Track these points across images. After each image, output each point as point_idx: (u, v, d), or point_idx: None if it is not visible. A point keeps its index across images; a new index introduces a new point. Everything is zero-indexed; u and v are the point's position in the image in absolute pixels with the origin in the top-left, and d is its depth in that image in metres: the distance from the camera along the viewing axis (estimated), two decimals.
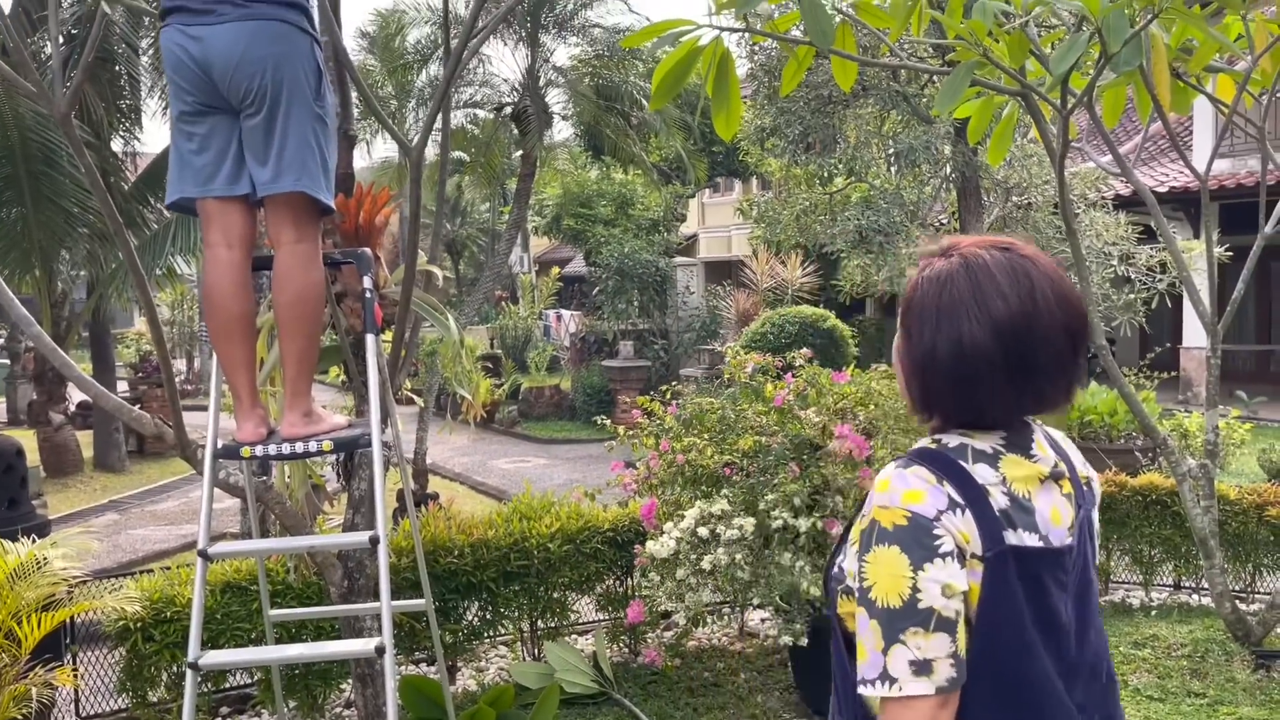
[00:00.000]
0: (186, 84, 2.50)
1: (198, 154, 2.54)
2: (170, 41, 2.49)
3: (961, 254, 1.34)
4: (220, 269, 2.59)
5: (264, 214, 2.64)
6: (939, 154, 10.46)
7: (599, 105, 11.52)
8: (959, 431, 1.35)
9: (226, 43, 2.43)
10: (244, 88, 2.47)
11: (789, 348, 12.30)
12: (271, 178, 2.53)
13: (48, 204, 10.71)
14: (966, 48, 3.35)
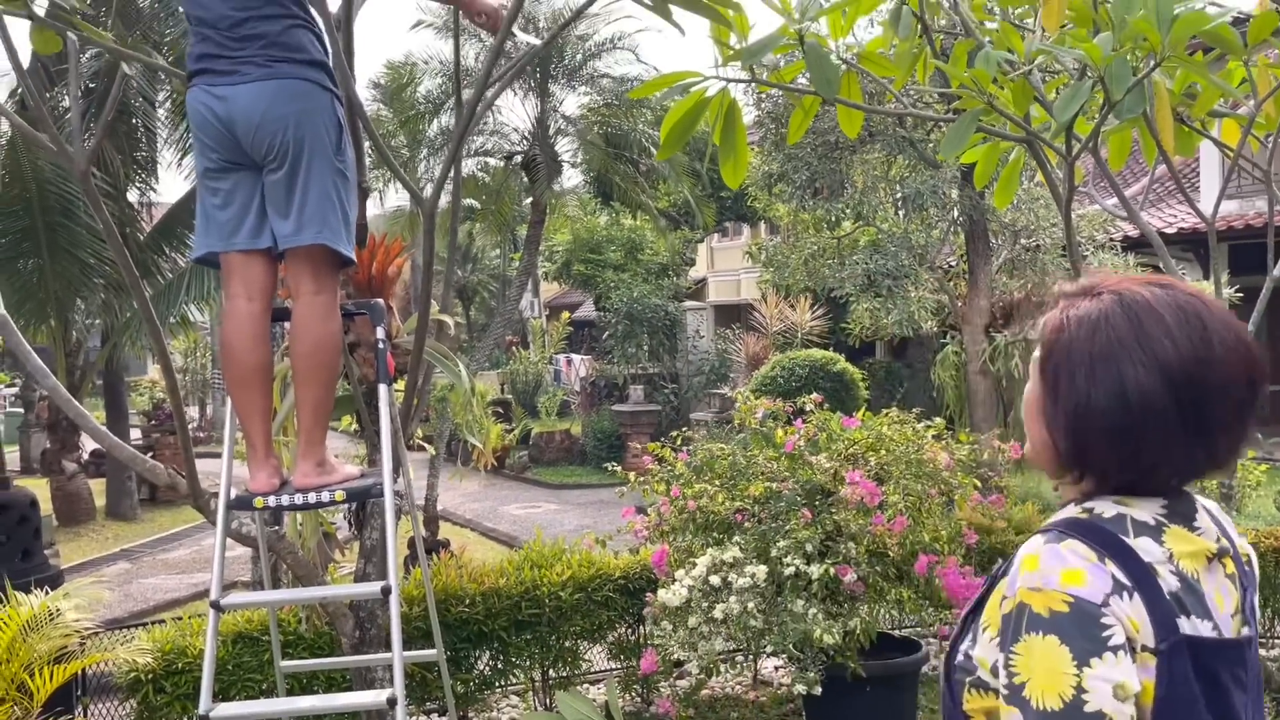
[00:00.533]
0: (211, 142, 2.56)
1: (221, 209, 2.60)
2: (196, 101, 2.56)
3: (1114, 291, 1.19)
4: (240, 320, 2.62)
5: (284, 266, 2.68)
6: (946, 198, 10.53)
7: (608, 153, 11.65)
8: (1113, 498, 1.17)
9: (250, 101, 2.49)
10: (266, 144, 2.53)
11: (799, 391, 12.33)
12: (292, 231, 2.58)
13: (64, 255, 10.84)
14: (971, 96, 3.39)
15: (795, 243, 12.20)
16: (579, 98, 12.16)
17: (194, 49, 2.60)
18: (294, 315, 2.65)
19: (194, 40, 2.61)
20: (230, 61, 2.53)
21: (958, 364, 11.73)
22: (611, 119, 11.83)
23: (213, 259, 2.67)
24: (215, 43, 2.54)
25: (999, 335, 11.24)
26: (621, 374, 17.51)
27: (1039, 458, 1.25)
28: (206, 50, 2.56)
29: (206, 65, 2.55)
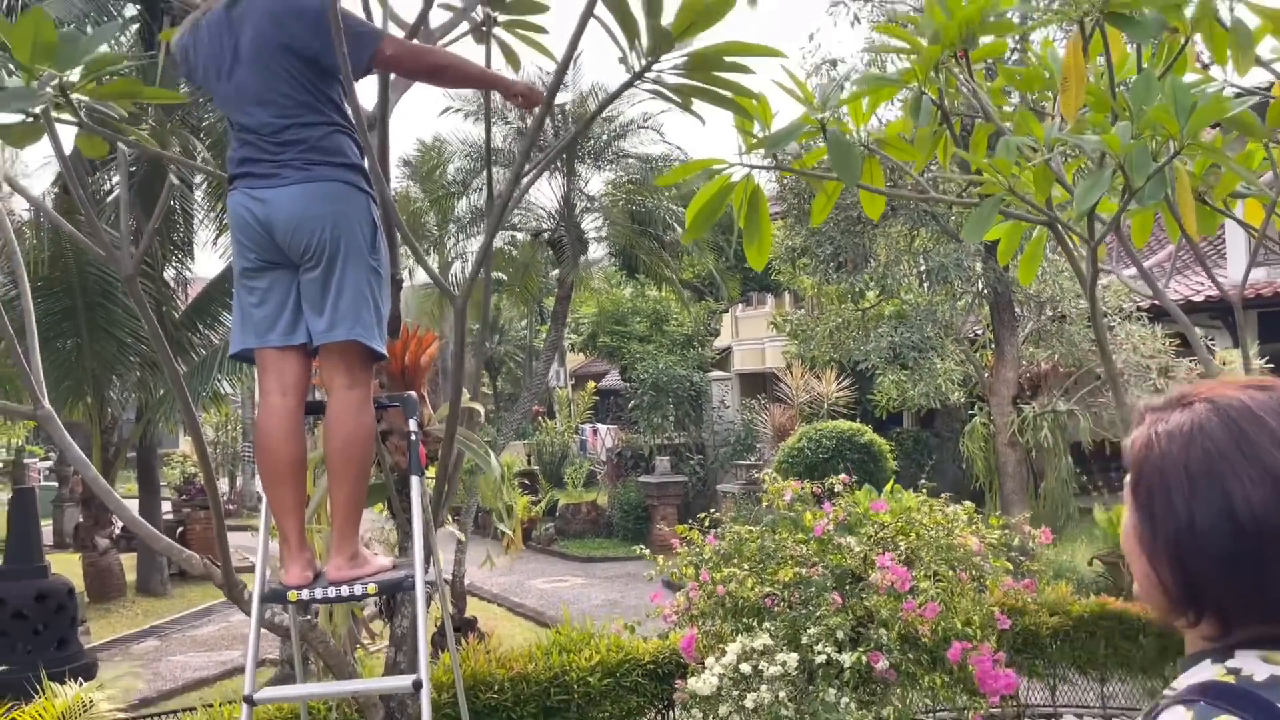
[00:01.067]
0: (250, 243, 2.65)
1: (258, 307, 2.68)
2: (237, 205, 2.66)
3: (1207, 399, 1.05)
4: (274, 416, 2.68)
5: (318, 361, 2.75)
6: (970, 270, 10.57)
7: (632, 229, 11.81)
8: (1257, 652, 0.98)
9: (289, 203, 2.59)
10: (304, 244, 2.62)
11: (827, 463, 12.28)
12: (327, 327, 2.64)
13: (102, 334, 11.06)
14: (993, 181, 3.44)
15: (820, 315, 12.25)
16: (604, 175, 12.39)
17: (235, 153, 2.70)
18: (328, 410, 2.70)
19: (235, 145, 2.71)
20: (271, 165, 2.62)
21: (986, 436, 11.65)
22: (636, 196, 12.02)
23: (249, 355, 2.75)
24: (257, 147, 2.64)
25: (1027, 406, 11.17)
26: (648, 445, 17.50)
27: (1148, 597, 1.09)
28: (248, 155, 2.66)
29: (247, 169, 2.65)
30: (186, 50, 2.74)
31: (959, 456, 13.12)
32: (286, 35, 2.59)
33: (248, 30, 2.62)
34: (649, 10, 2.82)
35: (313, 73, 2.62)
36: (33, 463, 22.99)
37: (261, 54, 2.61)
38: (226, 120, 2.77)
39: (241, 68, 2.63)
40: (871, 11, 10.74)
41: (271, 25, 2.60)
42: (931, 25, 3.27)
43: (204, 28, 2.70)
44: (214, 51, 2.66)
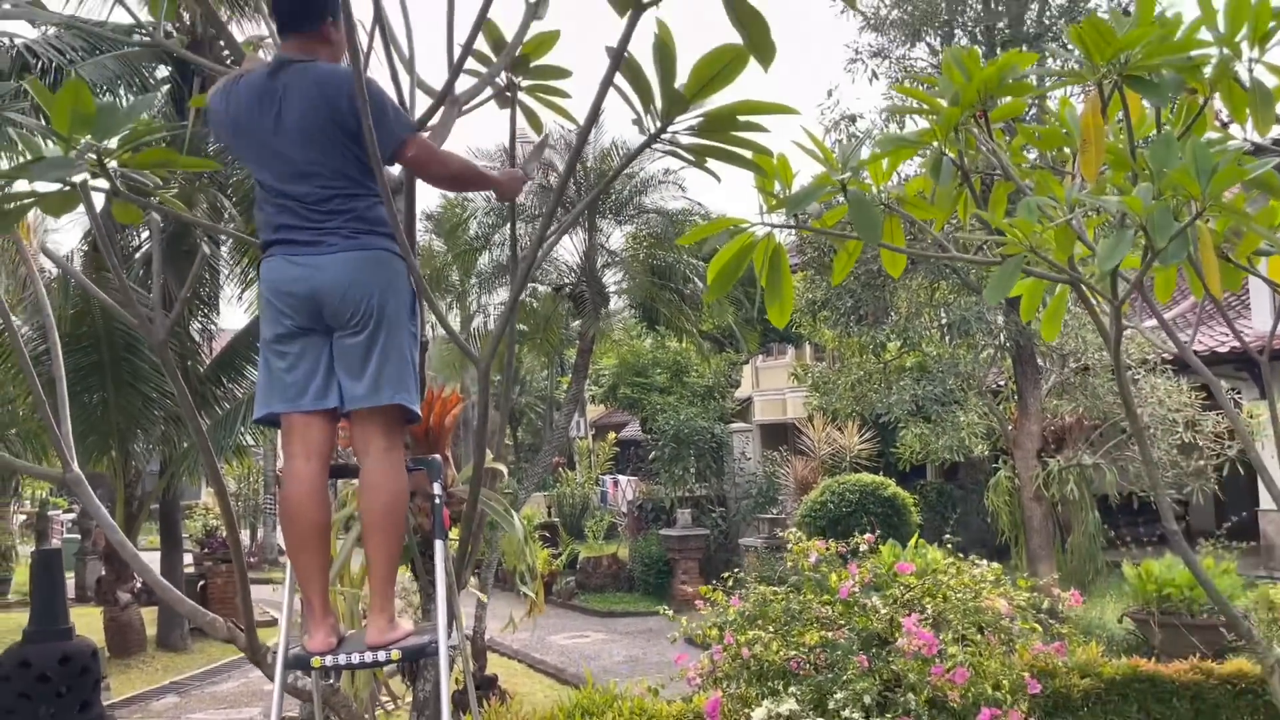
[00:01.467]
0: (289, 309, 2.66)
1: (288, 371, 2.68)
2: (275, 271, 2.67)
3: None
4: (300, 481, 2.68)
5: (347, 425, 2.76)
6: (992, 323, 10.55)
7: (653, 283, 11.88)
8: None
9: (337, 271, 2.61)
10: (350, 311, 2.64)
11: (850, 516, 12.19)
12: (368, 392, 2.66)
13: (128, 388, 11.17)
14: (1015, 242, 3.45)
15: (841, 367, 12.23)
16: (625, 230, 12.50)
17: (271, 218, 2.71)
18: (365, 472, 2.70)
19: (270, 210, 2.71)
20: (315, 232, 2.65)
21: (1011, 489, 11.53)
22: (657, 250, 12.11)
23: (273, 419, 2.75)
24: (299, 215, 2.66)
25: (1052, 460, 11.06)
26: (669, 497, 17.41)
27: None
28: (287, 221, 2.67)
29: (287, 235, 2.67)
30: (222, 109, 2.75)
31: (983, 510, 12.99)
32: (336, 110, 2.63)
33: (294, 101, 2.64)
34: (662, 74, 2.86)
35: (359, 147, 2.63)
36: (56, 515, 23.10)
37: (309, 127, 2.63)
38: (257, 183, 2.79)
39: (285, 138, 2.64)
40: (889, 68, 10.87)
41: (321, 99, 2.63)
42: (951, 87, 3.30)
43: (243, 90, 2.71)
44: (254, 116, 2.67)
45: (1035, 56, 3.53)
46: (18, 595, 19.18)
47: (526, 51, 3.47)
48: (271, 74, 2.68)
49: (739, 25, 2.46)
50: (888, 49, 11.03)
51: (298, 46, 2.76)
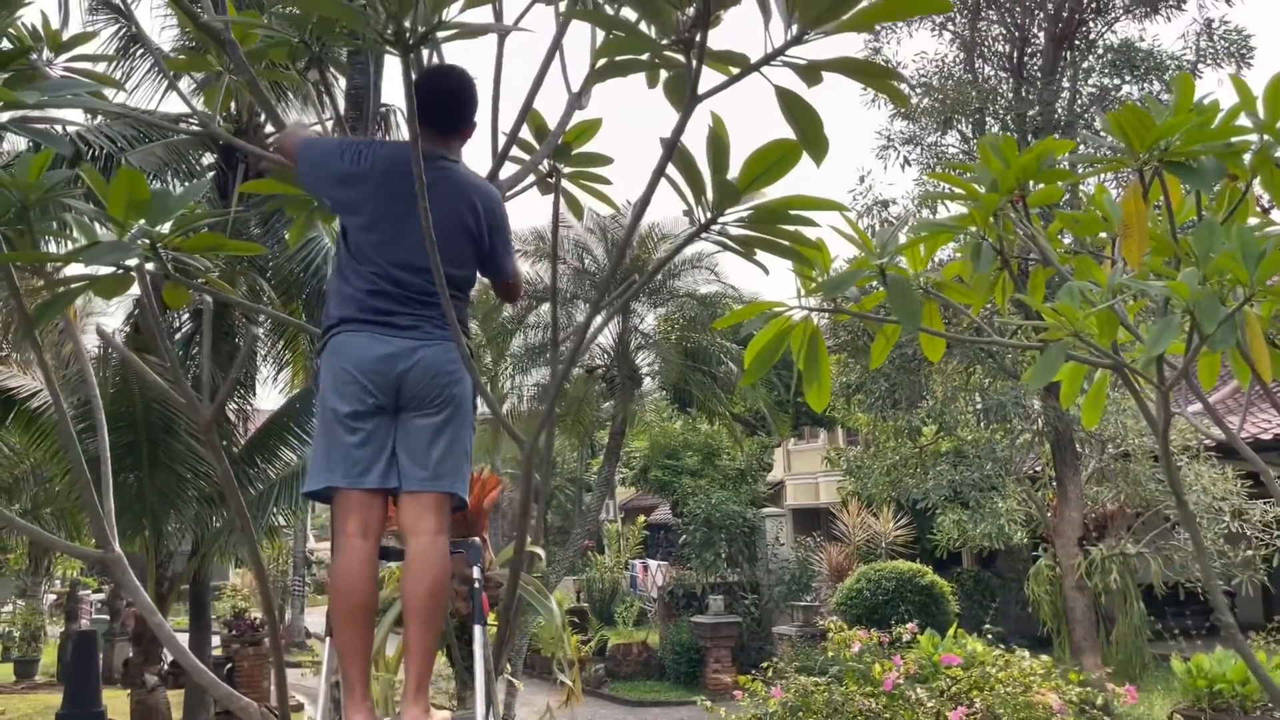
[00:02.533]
0: (372, 387, 2.66)
1: (358, 447, 2.66)
2: (363, 348, 2.67)
3: None
4: (354, 558, 2.65)
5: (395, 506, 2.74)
6: (1029, 408, 10.44)
7: (686, 365, 11.90)
8: None
9: (432, 357, 2.66)
10: (430, 395, 2.68)
11: (887, 605, 11.94)
12: (430, 476, 2.67)
13: (163, 468, 11.24)
14: (1057, 328, 3.43)
15: (876, 452, 12.12)
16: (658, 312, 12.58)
17: (360, 294, 2.70)
18: (413, 555, 2.67)
19: (360, 286, 2.71)
20: (413, 318, 2.68)
21: (1052, 578, 11.26)
22: (689, 333, 12.16)
23: (325, 494, 2.73)
24: (397, 300, 2.68)
25: (1094, 548, 10.82)
26: (700, 583, 17.15)
27: None
28: (383, 305, 2.68)
29: (381, 317, 2.68)
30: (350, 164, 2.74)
31: (1023, 599, 12.68)
32: (476, 221, 2.76)
33: (440, 197, 2.67)
34: (715, 166, 2.90)
35: (477, 260, 2.80)
36: (85, 595, 23.10)
37: (448, 227, 2.69)
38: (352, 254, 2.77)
39: (415, 230, 2.65)
40: (921, 154, 10.99)
41: (465, 206, 2.75)
42: (989, 173, 3.32)
43: (382, 158, 2.74)
44: (392, 191, 2.69)
45: (1072, 144, 3.56)
46: (45, 676, 19.10)
47: (569, 139, 3.54)
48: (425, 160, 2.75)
49: (792, 120, 2.49)
50: (919, 136, 11.17)
51: (442, 142, 2.84)
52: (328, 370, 2.73)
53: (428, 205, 2.67)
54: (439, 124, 2.85)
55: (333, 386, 2.70)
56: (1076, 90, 10.95)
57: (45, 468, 14.16)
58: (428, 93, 2.82)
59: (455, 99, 2.89)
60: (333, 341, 2.72)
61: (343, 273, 2.77)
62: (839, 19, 2.42)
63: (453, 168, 2.82)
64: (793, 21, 2.41)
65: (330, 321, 2.75)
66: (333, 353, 2.72)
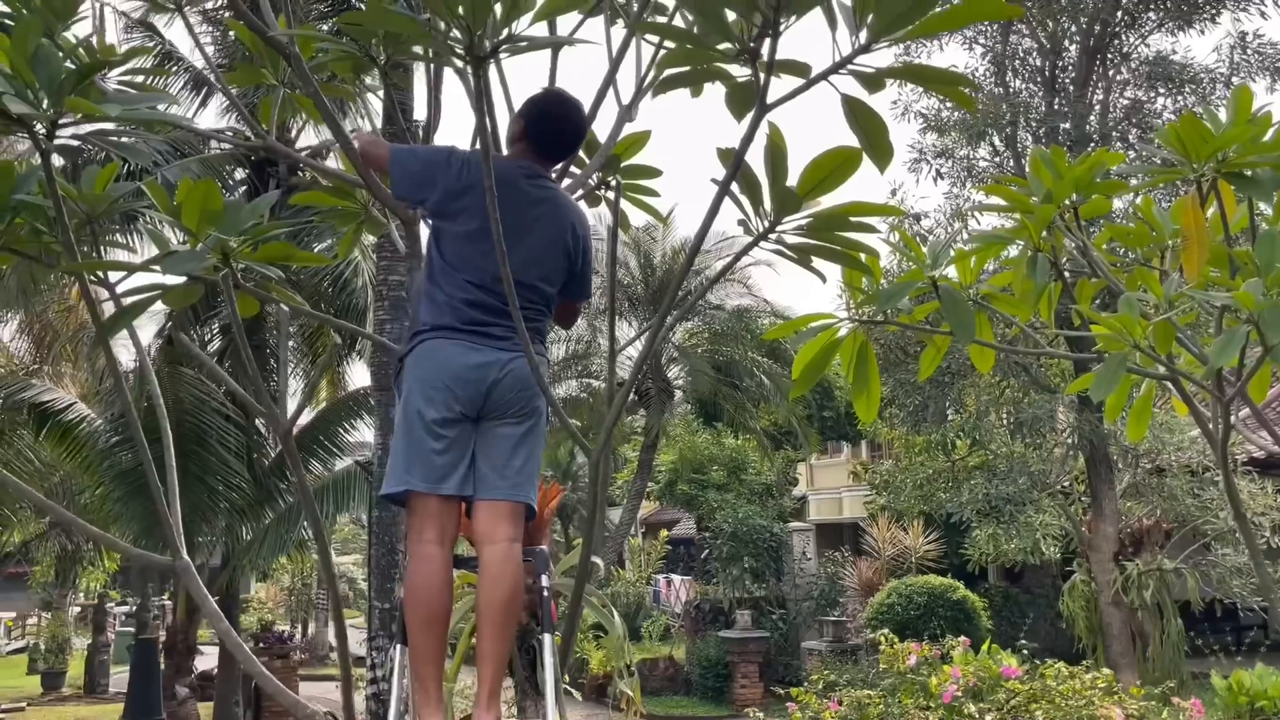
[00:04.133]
0: (464, 394, 2.68)
1: (442, 454, 2.67)
2: (457, 357, 2.68)
3: None
4: (434, 565, 2.66)
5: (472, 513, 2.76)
6: (1063, 422, 10.37)
7: (716, 378, 11.90)
8: None
9: (522, 369, 2.68)
10: (517, 405, 2.72)
11: (919, 620, 11.85)
12: (510, 486, 2.70)
13: (195, 481, 11.32)
14: (1114, 339, 3.41)
15: (907, 466, 12.06)
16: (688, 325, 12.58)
17: (457, 303, 2.71)
18: (488, 564, 2.67)
19: (455, 294, 2.72)
20: (506, 329, 2.69)
21: (1087, 594, 11.16)
22: (720, 346, 12.16)
23: (399, 498, 2.72)
24: (492, 311, 2.70)
25: (1130, 564, 10.71)
26: (727, 598, 17.09)
27: None
28: (479, 315, 2.71)
29: (478, 327, 2.70)
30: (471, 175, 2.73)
31: (1053, 615, 12.57)
32: (573, 244, 2.85)
33: (549, 218, 2.79)
34: (774, 174, 2.90)
35: (564, 278, 2.87)
36: (111, 607, 23.23)
37: (554, 245, 2.81)
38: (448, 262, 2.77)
39: (528, 247, 2.76)
40: (952, 168, 10.97)
41: (568, 229, 2.84)
42: (1042, 186, 3.32)
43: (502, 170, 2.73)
44: (510, 203, 2.72)
45: (1121, 156, 3.55)
46: (72, 688, 19.21)
47: (618, 152, 3.55)
48: (530, 178, 2.81)
49: (857, 128, 2.49)
50: (950, 149, 11.15)
51: (547, 168, 2.92)
52: (416, 374, 2.73)
53: (540, 221, 2.75)
54: (557, 153, 2.96)
55: (421, 391, 2.70)
56: (1109, 103, 10.91)
57: (76, 480, 14.29)
58: (555, 121, 2.91)
59: (579, 136, 3.00)
60: (424, 346, 2.73)
61: (436, 279, 2.78)
62: (908, 26, 2.42)
63: (555, 188, 2.90)
64: (860, 30, 2.41)
65: (422, 326, 2.76)
66: (424, 358, 2.72)
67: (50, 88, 2.49)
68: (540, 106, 2.92)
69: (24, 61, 2.44)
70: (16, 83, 2.45)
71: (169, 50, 13.03)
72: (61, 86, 2.49)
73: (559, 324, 3.24)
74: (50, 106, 2.48)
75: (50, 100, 2.49)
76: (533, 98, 3.00)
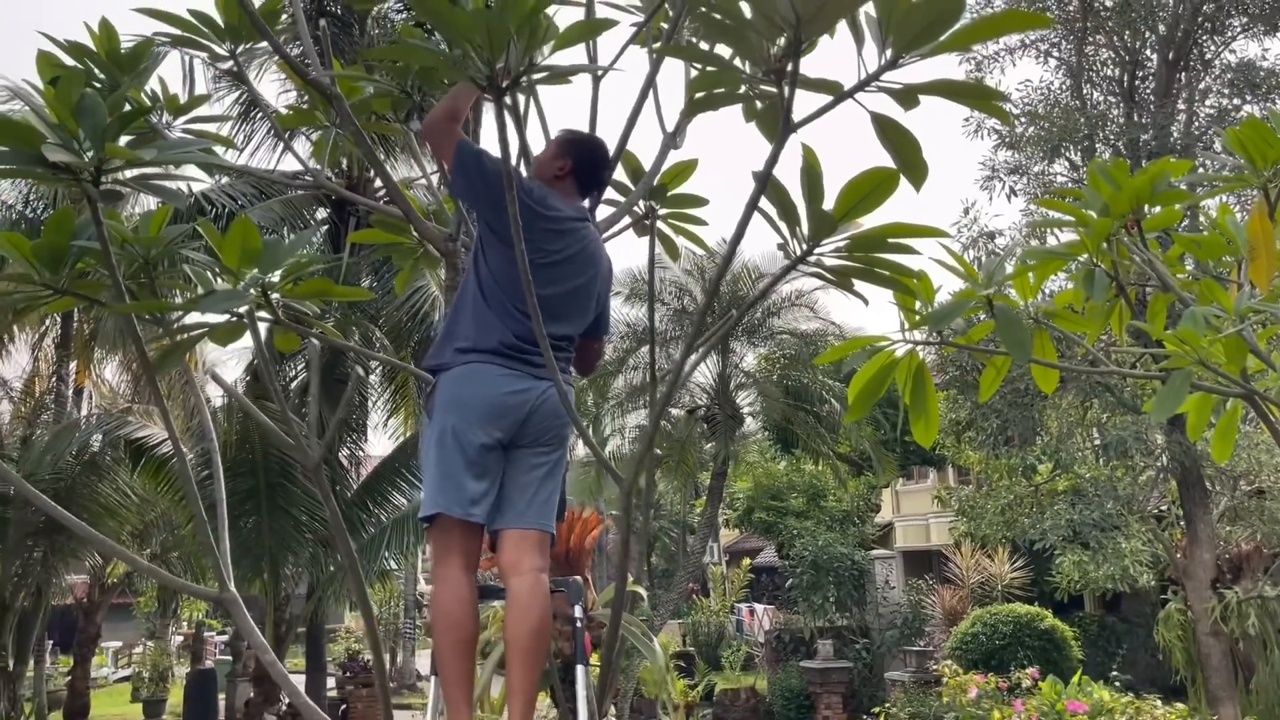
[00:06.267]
0: (504, 420, 2.69)
1: (476, 480, 2.67)
2: (497, 384, 2.69)
3: None
4: (459, 590, 2.66)
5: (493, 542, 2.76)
6: (1151, 443, 9.97)
7: (788, 404, 11.77)
8: None
9: (554, 396, 2.71)
10: (550, 434, 2.75)
11: (1005, 650, 11.47)
12: (537, 514, 2.71)
13: (281, 513, 11.60)
14: (1180, 356, 3.26)
15: (989, 491, 11.73)
16: (758, 351, 12.50)
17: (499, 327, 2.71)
18: (515, 593, 2.65)
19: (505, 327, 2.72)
20: (542, 358, 2.67)
21: (1184, 623, 10.66)
22: (791, 371, 12.04)
23: (431, 519, 2.71)
24: (534, 340, 2.64)
25: (1229, 591, 10.20)
26: (808, 627, 16.80)
27: None
28: (523, 345, 2.72)
29: (521, 354, 2.71)
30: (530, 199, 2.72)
31: (1152, 645, 12.03)
32: (602, 285, 2.94)
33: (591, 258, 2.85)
34: (809, 197, 2.85)
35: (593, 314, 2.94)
36: (210, 636, 23.89)
37: (597, 279, 2.89)
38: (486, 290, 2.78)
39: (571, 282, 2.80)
40: (1027, 184, 10.71)
41: (605, 268, 2.94)
42: (1099, 198, 3.20)
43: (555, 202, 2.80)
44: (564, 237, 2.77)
45: (1189, 165, 3.40)
46: (172, 716, 19.77)
47: (664, 181, 3.54)
48: (580, 220, 2.87)
49: (889, 145, 2.44)
50: (1025, 165, 10.90)
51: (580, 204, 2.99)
52: (454, 395, 2.71)
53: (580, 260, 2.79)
54: (596, 195, 3.07)
55: (461, 414, 2.69)
56: (1193, 112, 10.54)
57: (173, 514, 14.77)
58: (601, 165, 3.02)
59: (609, 170, 3.08)
60: (465, 369, 2.71)
61: (487, 298, 2.75)
62: (934, 41, 2.36)
63: (595, 229, 2.96)
64: (887, 46, 2.36)
65: (463, 345, 2.73)
66: (464, 380, 2.71)
67: (94, 135, 2.58)
68: (588, 147, 3.02)
69: (68, 111, 2.54)
70: (62, 132, 2.55)
71: (254, 98, 13.53)
72: (104, 134, 2.59)
73: (581, 368, 3.15)
74: (93, 154, 2.58)
75: (94, 148, 2.58)
76: (578, 138, 3.06)
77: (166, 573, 4.05)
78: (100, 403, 17.08)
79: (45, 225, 2.78)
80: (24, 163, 2.46)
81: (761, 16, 2.38)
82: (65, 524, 2.90)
